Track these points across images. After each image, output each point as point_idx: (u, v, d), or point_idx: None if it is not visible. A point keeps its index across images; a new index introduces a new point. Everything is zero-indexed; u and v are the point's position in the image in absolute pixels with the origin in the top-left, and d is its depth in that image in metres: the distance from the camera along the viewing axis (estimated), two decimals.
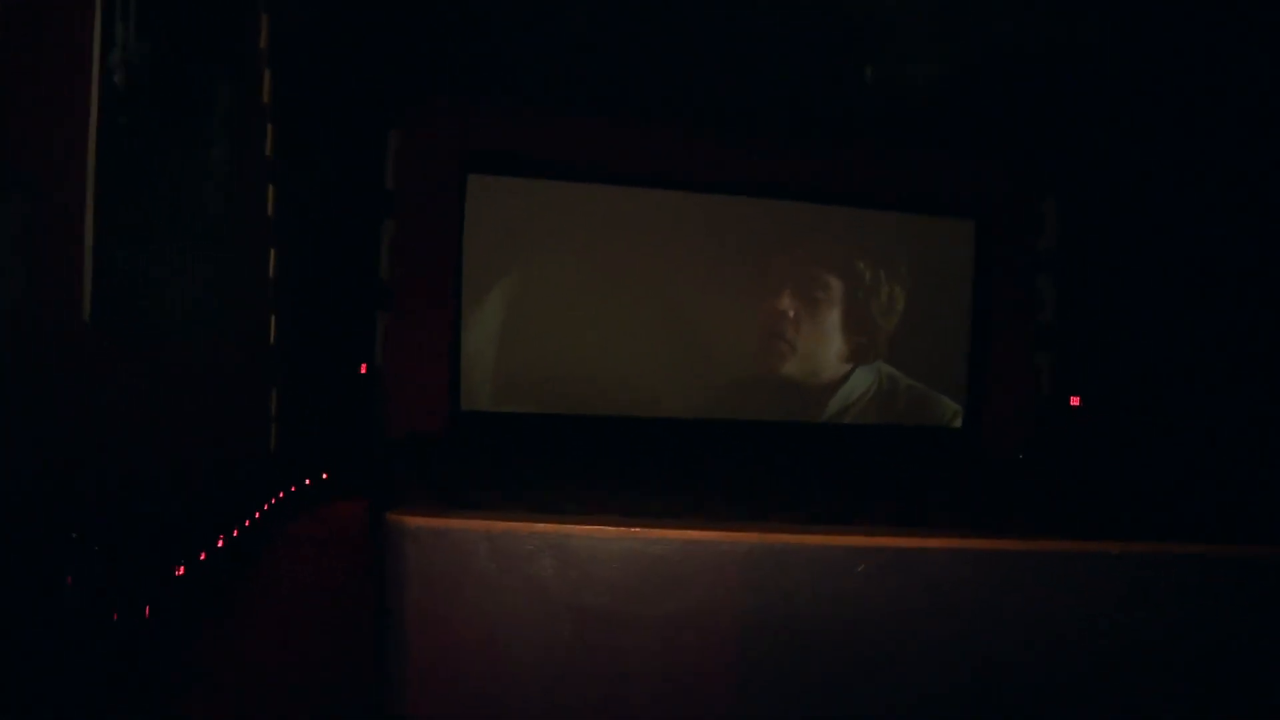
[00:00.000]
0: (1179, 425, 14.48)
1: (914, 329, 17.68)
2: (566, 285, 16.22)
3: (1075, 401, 17.08)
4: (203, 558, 7.36)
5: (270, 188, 10.61)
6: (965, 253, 18.05)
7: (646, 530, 2.98)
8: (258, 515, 10.14)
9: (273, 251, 11.01)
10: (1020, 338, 17.79)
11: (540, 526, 2.99)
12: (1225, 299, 13.75)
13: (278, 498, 11.59)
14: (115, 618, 4.98)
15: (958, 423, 17.92)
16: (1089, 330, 16.83)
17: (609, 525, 3.01)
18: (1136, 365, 15.54)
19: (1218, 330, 13.86)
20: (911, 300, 17.66)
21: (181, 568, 6.66)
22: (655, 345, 16.61)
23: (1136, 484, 14.09)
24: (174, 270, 6.34)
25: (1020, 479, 15.82)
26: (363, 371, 15.35)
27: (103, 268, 4.81)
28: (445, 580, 3.00)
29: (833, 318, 17.40)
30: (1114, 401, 16.13)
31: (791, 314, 17.24)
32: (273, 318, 11.38)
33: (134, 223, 5.43)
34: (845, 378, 17.46)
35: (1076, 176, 17.20)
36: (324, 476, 14.09)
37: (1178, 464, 14.34)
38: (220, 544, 8.13)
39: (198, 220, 6.93)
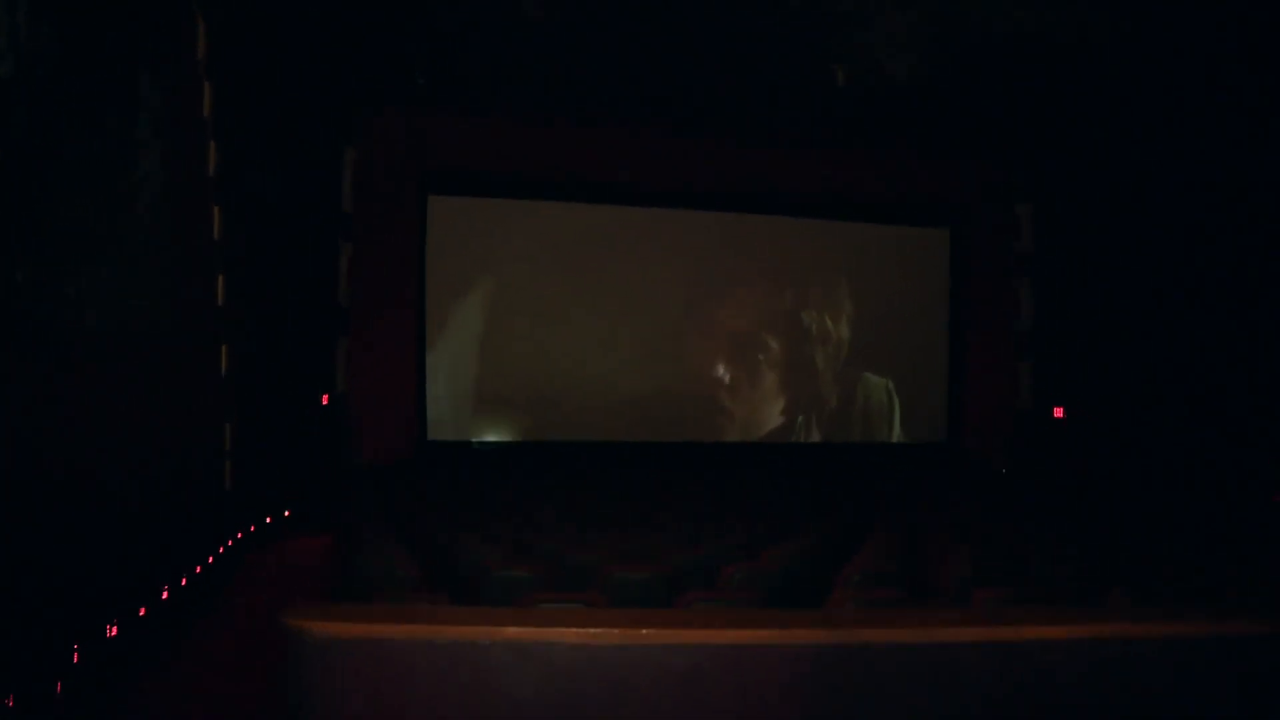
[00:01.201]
0: (1163, 434, 14.03)
1: (891, 342, 17.22)
2: (534, 306, 15.68)
3: (1059, 413, 16.61)
4: (142, 613, 6.69)
5: (215, 208, 9.93)
6: (941, 262, 17.64)
7: (662, 632, 2.02)
8: (211, 559, 9.45)
9: (221, 276, 10.33)
10: (999, 346, 17.34)
11: (512, 631, 1.98)
12: (1210, 300, 13.31)
13: (234, 539, 10.89)
14: (10, 703, 4.29)
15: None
16: (1068, 336, 16.36)
17: (610, 627, 2.03)
18: (1118, 372, 15.08)
19: (1203, 332, 13.41)
20: (887, 312, 17.19)
21: (114, 626, 5.99)
22: (625, 366, 16.08)
23: (1121, 493, 13.64)
24: (96, 290, 5.68)
25: (1007, 489, 15.39)
26: (324, 402, 14.69)
27: None
28: (371, 711, 1.95)
29: (805, 332, 16.92)
30: (1095, 411, 15.67)
31: (763, 331, 16.75)
32: (224, 347, 10.69)
33: (37, 235, 4.77)
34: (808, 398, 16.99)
35: (1052, 177, 16.77)
36: (285, 514, 13.40)
37: (1162, 474, 13.90)
38: (165, 595, 7.46)
39: (125, 237, 6.28)
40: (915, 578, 5.51)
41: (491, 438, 15.66)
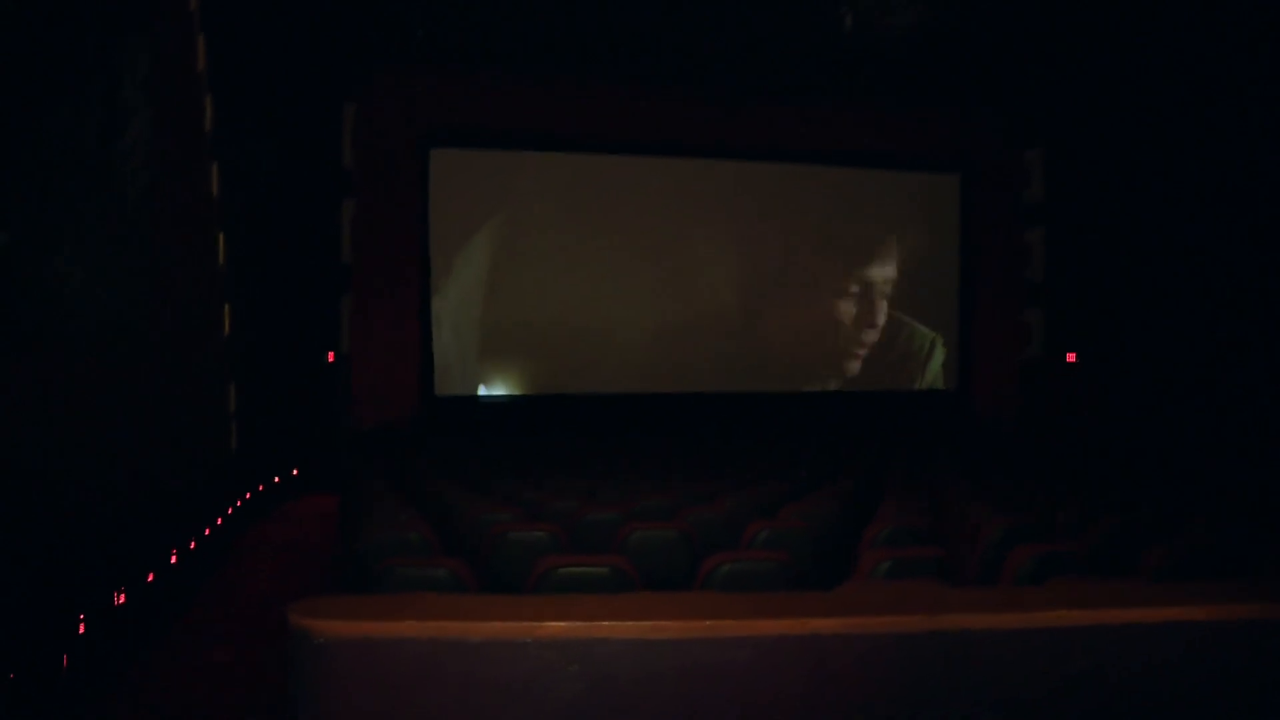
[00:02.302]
0: (1178, 380, 13.83)
1: (900, 292, 17.01)
2: (539, 260, 15.45)
3: (1071, 358, 16.41)
4: (150, 579, 6.57)
5: (214, 165, 9.72)
6: (951, 209, 17.39)
7: (727, 624, 1.71)
8: (219, 522, 9.34)
9: (221, 236, 10.14)
10: (1010, 293, 17.12)
11: (553, 627, 1.67)
12: (1229, 242, 13.05)
13: (241, 500, 10.78)
14: (10, 677, 4.15)
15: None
16: (1080, 283, 16.12)
17: (666, 619, 1.71)
18: (1131, 319, 14.85)
19: (1221, 276, 13.17)
20: (897, 261, 16.97)
21: (122, 595, 5.86)
22: (632, 318, 15.89)
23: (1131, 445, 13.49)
24: (86, 257, 5.48)
25: (1019, 438, 15.25)
26: (329, 361, 14.53)
27: None
28: None
29: (815, 281, 16.71)
30: (1108, 358, 15.46)
31: (773, 281, 16.55)
32: (226, 307, 10.53)
33: (17, 203, 4.56)
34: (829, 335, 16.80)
35: (1062, 123, 16.46)
36: (294, 473, 13.30)
37: (1173, 424, 13.71)
38: (173, 559, 7.34)
39: (116, 200, 6.07)
40: (940, 533, 5.37)
41: (499, 391, 15.51)
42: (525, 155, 15.51)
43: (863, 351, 16.93)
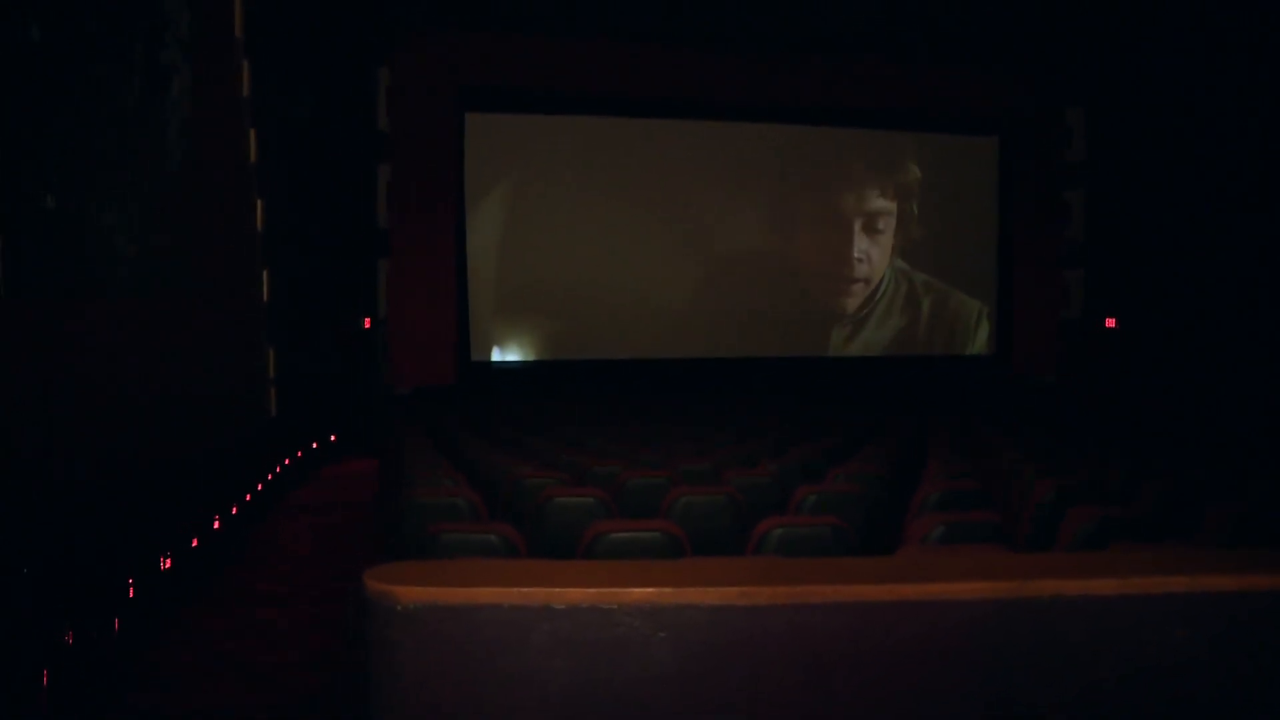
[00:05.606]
0: (1217, 348, 13.60)
1: (939, 254, 16.83)
2: (576, 225, 15.38)
3: (1111, 324, 16.18)
4: (194, 544, 6.61)
5: (251, 131, 9.71)
6: (989, 170, 17.17)
7: (819, 589, 1.65)
8: (259, 487, 9.39)
9: (259, 201, 10.15)
10: (1049, 257, 16.90)
11: (640, 592, 1.61)
12: (1269, 214, 12.78)
13: (281, 465, 10.83)
14: (69, 639, 4.19)
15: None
16: (1121, 246, 15.86)
17: (754, 584, 1.65)
18: (1173, 282, 14.60)
19: (1259, 247, 12.91)
20: (935, 223, 16.77)
21: (168, 559, 5.90)
22: (672, 285, 15.83)
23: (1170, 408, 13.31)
24: (129, 216, 5.46)
25: (1060, 402, 15.10)
26: (366, 326, 14.56)
27: (20, 213, 3.88)
28: (479, 689, 1.63)
29: (851, 246, 16.55)
30: (1149, 322, 15.23)
31: (810, 244, 16.43)
32: (264, 272, 10.55)
33: (63, 161, 4.53)
34: (867, 304, 16.65)
35: (1105, 81, 16.15)
36: (332, 438, 13.36)
37: (1213, 387, 13.51)
38: (216, 525, 7.39)
39: (158, 163, 6.05)
40: (987, 496, 5.30)
41: (534, 357, 15.51)
42: (562, 119, 15.40)
43: (892, 320, 16.81)
